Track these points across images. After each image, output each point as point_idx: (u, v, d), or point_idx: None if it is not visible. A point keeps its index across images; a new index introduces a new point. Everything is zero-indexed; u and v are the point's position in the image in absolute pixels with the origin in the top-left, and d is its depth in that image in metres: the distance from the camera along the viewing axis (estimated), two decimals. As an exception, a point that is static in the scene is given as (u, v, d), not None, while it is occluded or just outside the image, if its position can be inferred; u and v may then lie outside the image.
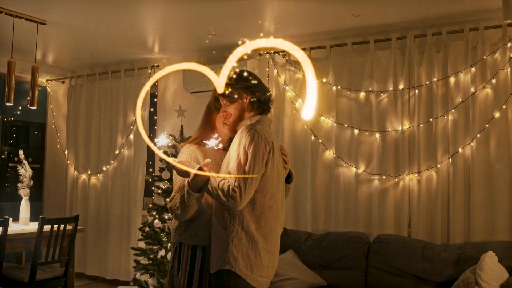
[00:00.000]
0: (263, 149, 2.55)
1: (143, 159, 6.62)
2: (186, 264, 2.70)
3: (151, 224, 5.46)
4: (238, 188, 2.45)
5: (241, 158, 2.52)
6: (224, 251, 2.55)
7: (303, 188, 5.39)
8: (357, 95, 5.16)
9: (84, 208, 7.08)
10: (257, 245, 2.58)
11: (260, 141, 2.56)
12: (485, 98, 4.62)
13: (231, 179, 2.49)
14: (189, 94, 6.26)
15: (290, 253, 4.85)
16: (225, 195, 2.46)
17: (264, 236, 2.61)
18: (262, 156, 2.55)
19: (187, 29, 5.41)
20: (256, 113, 2.78)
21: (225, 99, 2.77)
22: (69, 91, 7.44)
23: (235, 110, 2.76)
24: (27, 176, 5.45)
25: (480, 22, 4.68)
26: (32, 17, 5.02)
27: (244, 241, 2.55)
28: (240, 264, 2.54)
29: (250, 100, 2.76)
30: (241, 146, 2.55)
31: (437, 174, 4.78)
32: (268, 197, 2.62)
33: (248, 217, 2.57)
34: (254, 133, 2.57)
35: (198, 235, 2.70)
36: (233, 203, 2.47)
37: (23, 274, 4.80)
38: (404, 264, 4.45)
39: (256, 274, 2.59)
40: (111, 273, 6.75)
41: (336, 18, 4.91)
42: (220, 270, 2.56)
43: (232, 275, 2.53)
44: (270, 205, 2.63)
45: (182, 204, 2.60)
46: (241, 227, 2.56)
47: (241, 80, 2.76)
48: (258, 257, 2.59)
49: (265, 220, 2.61)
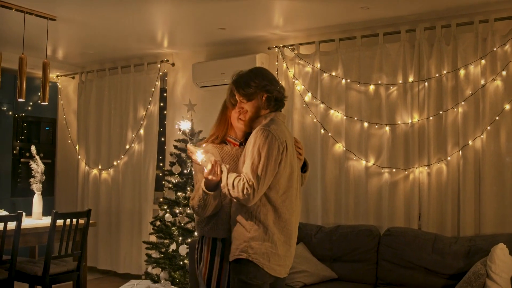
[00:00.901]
0: (276, 149, 2.71)
1: (154, 154, 6.66)
2: (207, 254, 2.91)
3: (162, 218, 5.50)
4: (252, 187, 2.64)
5: (255, 158, 2.69)
6: (242, 241, 2.74)
7: (313, 182, 5.41)
8: (366, 88, 5.16)
9: (95, 203, 7.13)
10: (273, 236, 2.76)
11: (274, 141, 2.71)
12: (495, 90, 4.60)
13: (245, 178, 2.67)
14: (198, 89, 6.28)
15: (301, 246, 4.88)
16: (239, 193, 2.66)
17: (279, 228, 2.79)
18: (276, 157, 2.71)
19: (196, 23, 5.43)
20: (272, 110, 2.90)
21: (242, 97, 2.87)
22: (79, 87, 7.48)
23: (251, 108, 2.88)
24: (39, 171, 5.50)
25: (490, 14, 4.66)
26: (42, 13, 5.05)
27: (261, 232, 2.74)
28: (257, 254, 2.72)
29: (267, 98, 2.85)
30: (255, 146, 2.71)
31: (447, 166, 4.78)
32: (280, 192, 2.78)
33: (264, 211, 2.75)
34: (268, 133, 2.72)
35: (218, 229, 2.89)
36: (245, 200, 2.67)
37: (36, 268, 4.86)
38: (415, 257, 4.46)
39: (273, 263, 2.77)
40: (122, 267, 6.81)
41: (345, 11, 4.91)
42: (238, 259, 2.75)
43: (251, 264, 2.72)
44: (283, 200, 2.79)
45: (201, 203, 2.82)
46: (258, 220, 2.74)
47: (258, 78, 2.87)
48: (274, 247, 2.77)
49: (279, 214, 2.78)
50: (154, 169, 6.65)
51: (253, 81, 2.84)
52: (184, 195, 5.43)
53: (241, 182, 2.65)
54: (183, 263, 5.31)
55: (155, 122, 6.68)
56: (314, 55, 5.45)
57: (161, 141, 6.75)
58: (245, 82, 2.85)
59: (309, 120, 5.48)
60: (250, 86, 2.83)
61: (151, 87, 6.68)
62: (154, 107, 6.68)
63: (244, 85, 2.85)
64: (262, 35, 5.74)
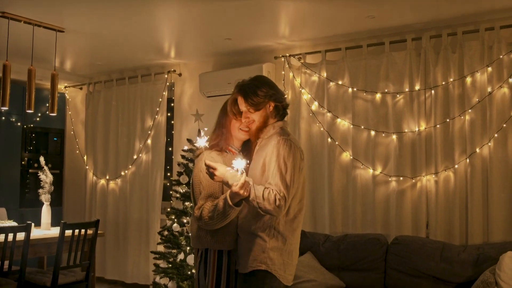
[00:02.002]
0: (299, 159, 2.74)
1: (161, 164, 6.68)
2: (214, 268, 2.82)
3: (170, 228, 5.51)
4: (283, 198, 2.63)
5: (282, 169, 2.67)
6: (260, 252, 2.71)
7: (320, 190, 5.41)
8: (373, 97, 5.17)
9: (103, 213, 7.15)
10: (290, 247, 2.77)
11: (296, 151, 2.74)
12: (502, 98, 4.60)
13: (275, 189, 2.64)
14: (205, 99, 6.31)
15: (308, 255, 4.87)
16: (271, 205, 2.61)
17: (296, 237, 2.81)
18: (299, 166, 2.74)
19: (203, 34, 5.46)
20: (279, 119, 2.90)
21: (251, 106, 2.85)
22: (87, 97, 7.53)
23: (259, 117, 2.86)
24: (48, 182, 5.53)
25: (496, 21, 4.66)
26: (51, 25, 5.10)
27: (280, 243, 2.73)
28: (276, 265, 2.71)
29: (275, 107, 2.86)
30: (280, 157, 2.69)
31: (454, 174, 4.77)
32: (298, 200, 2.79)
33: (283, 221, 2.74)
34: (291, 144, 2.74)
35: (225, 241, 2.83)
36: (277, 211, 2.63)
37: (45, 278, 4.88)
38: (423, 265, 4.44)
39: (287, 273, 2.78)
40: (130, 277, 6.81)
41: (351, 20, 4.93)
42: (255, 271, 2.71)
43: (268, 275, 2.71)
44: (300, 208, 2.81)
45: (220, 216, 2.71)
46: (277, 231, 2.73)
47: (266, 88, 2.86)
48: (290, 257, 2.78)
49: (297, 223, 2.80)
50: (162, 179, 6.67)
51: (260, 90, 2.83)
52: (192, 205, 5.43)
53: (272, 194, 2.62)
54: (191, 273, 5.32)
55: (163, 132, 6.71)
56: (321, 64, 5.47)
57: (169, 151, 6.78)
58: (253, 91, 2.83)
59: (316, 129, 5.49)
60: (258, 96, 2.82)
61: (159, 97, 6.72)
62: (161, 117, 6.72)
63: (252, 95, 2.83)
64: (268, 45, 5.76)
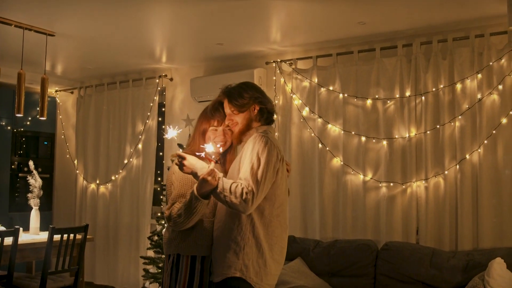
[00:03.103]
0: (275, 157, 2.63)
1: (152, 168, 6.66)
2: (185, 276, 2.65)
3: (160, 232, 5.49)
4: (251, 192, 2.50)
5: (254, 164, 2.56)
6: (234, 258, 2.58)
7: (311, 196, 5.40)
8: (363, 103, 5.18)
9: (93, 217, 7.11)
10: (264, 253, 2.61)
11: (273, 148, 2.63)
12: (491, 104, 4.62)
13: (243, 183, 2.52)
14: (196, 103, 6.30)
15: (298, 261, 4.86)
16: (236, 198, 2.49)
17: (270, 244, 2.65)
18: (274, 164, 2.62)
19: (194, 39, 5.46)
20: (263, 124, 2.84)
21: (235, 107, 2.80)
22: (78, 102, 7.50)
23: (242, 119, 2.80)
24: (37, 186, 5.50)
25: (486, 28, 4.69)
26: (41, 29, 5.08)
27: (254, 249, 2.60)
28: (251, 272, 2.58)
29: (260, 110, 2.81)
30: (254, 151, 2.60)
31: (444, 180, 4.78)
32: (276, 205, 2.67)
33: (257, 224, 2.61)
34: (268, 140, 2.64)
35: (197, 245, 2.68)
36: (244, 206, 2.49)
37: (33, 283, 4.84)
38: (413, 271, 4.44)
39: (265, 283, 2.63)
40: (120, 282, 6.77)
41: (342, 26, 4.94)
42: (228, 278, 2.58)
43: (242, 283, 2.57)
44: (277, 214, 2.68)
45: (187, 211, 2.56)
46: (252, 234, 2.60)
47: (251, 90, 2.82)
48: (267, 265, 2.63)
49: (272, 228, 2.66)
50: (152, 183, 6.64)
51: (246, 92, 2.80)
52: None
53: (239, 187, 2.51)
54: (180, 278, 5.29)
55: (153, 137, 6.69)
56: (312, 69, 5.47)
57: (159, 156, 6.76)
58: (238, 93, 2.81)
59: (307, 135, 5.49)
60: (243, 97, 2.79)
61: (150, 102, 6.70)
62: (152, 121, 6.70)
63: (237, 96, 2.80)
64: (259, 50, 5.77)
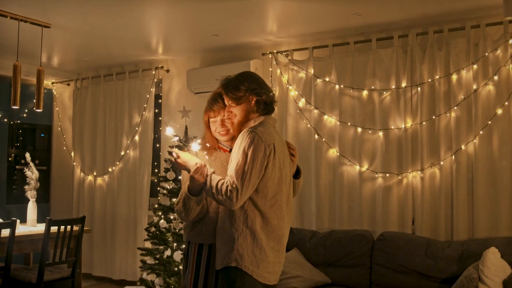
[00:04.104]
0: (262, 152, 2.64)
1: (149, 160, 6.67)
2: (193, 261, 2.85)
3: (157, 224, 5.50)
4: (235, 189, 2.57)
5: (240, 160, 2.62)
6: (230, 249, 2.67)
7: (307, 187, 5.42)
8: (360, 94, 5.19)
9: (90, 209, 7.13)
10: (261, 242, 2.69)
11: (260, 143, 2.65)
12: (487, 95, 4.63)
13: (229, 180, 2.61)
14: (193, 95, 6.30)
15: (295, 251, 4.89)
16: (222, 195, 2.58)
17: (267, 234, 2.72)
18: (262, 159, 2.64)
19: (190, 30, 5.45)
20: (261, 114, 2.85)
21: (231, 100, 2.83)
22: (75, 93, 7.50)
23: (240, 111, 2.83)
24: (33, 178, 5.50)
25: (482, 19, 4.69)
26: (36, 21, 5.07)
27: (249, 239, 2.67)
28: (246, 261, 2.65)
29: (256, 101, 2.82)
30: (241, 148, 2.65)
31: (440, 171, 4.80)
32: (269, 197, 2.71)
33: (252, 216, 2.68)
34: (254, 135, 2.66)
35: (202, 234, 2.83)
36: (229, 203, 2.59)
37: (31, 275, 4.86)
38: (408, 261, 4.47)
39: (262, 270, 2.70)
40: (118, 274, 6.80)
41: (338, 17, 4.94)
42: (226, 267, 2.68)
43: (239, 272, 2.65)
44: (272, 205, 2.73)
45: (184, 207, 2.76)
46: (245, 225, 2.67)
47: (248, 82, 2.83)
48: (264, 253, 2.70)
49: (267, 219, 2.72)
50: (149, 175, 6.65)
51: (242, 84, 2.81)
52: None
53: (224, 184, 2.59)
54: (178, 269, 5.31)
55: (150, 129, 6.69)
56: (308, 61, 5.47)
57: (156, 148, 6.76)
58: (234, 85, 2.82)
59: (303, 126, 5.50)
60: (239, 89, 2.80)
61: (146, 94, 6.70)
62: (149, 113, 6.70)
63: (233, 89, 2.81)
64: (256, 41, 5.76)
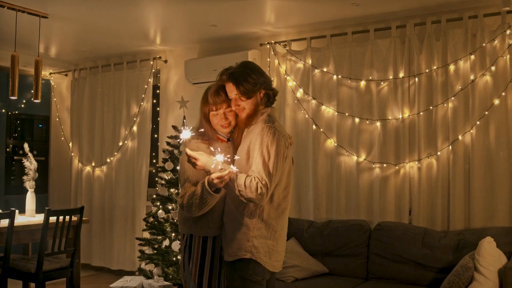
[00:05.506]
0: (283, 146, 2.71)
1: (147, 150, 6.68)
2: (198, 254, 2.85)
3: (155, 214, 5.53)
4: (265, 186, 2.62)
5: (265, 157, 2.66)
6: (244, 241, 2.72)
7: (305, 177, 5.44)
8: (357, 84, 5.19)
9: (88, 200, 7.14)
10: (275, 234, 2.77)
11: (281, 138, 2.71)
12: (484, 86, 4.64)
13: (257, 177, 2.63)
14: (191, 85, 6.30)
15: (292, 241, 4.91)
16: (252, 192, 2.60)
17: (281, 224, 2.81)
18: (283, 153, 2.71)
19: (188, 20, 5.45)
20: (266, 106, 2.88)
21: (242, 94, 2.80)
22: (73, 84, 7.49)
23: (250, 105, 2.83)
24: (32, 169, 5.51)
25: (479, 9, 4.69)
26: (34, 11, 5.06)
27: (263, 231, 2.73)
28: (261, 253, 2.72)
29: (265, 94, 2.86)
30: (264, 145, 2.67)
31: (437, 161, 4.82)
32: (282, 188, 2.79)
33: (267, 208, 2.74)
34: (275, 131, 2.71)
35: (209, 227, 2.84)
36: (260, 199, 2.63)
37: (30, 265, 4.88)
38: (405, 251, 4.50)
39: (273, 260, 2.79)
40: (116, 264, 6.83)
41: (336, 7, 4.93)
42: (240, 259, 2.73)
43: (252, 263, 2.72)
44: (285, 195, 2.81)
45: (200, 202, 2.71)
46: (261, 218, 2.73)
47: (256, 74, 2.82)
48: (276, 244, 2.78)
49: (281, 210, 2.80)
50: (147, 165, 6.66)
51: (251, 77, 2.78)
52: (177, 192, 5.45)
53: (253, 181, 2.61)
54: (176, 259, 5.34)
55: (148, 119, 6.70)
56: (306, 51, 5.47)
57: (154, 138, 6.77)
58: (244, 78, 2.78)
59: (301, 116, 5.51)
60: (249, 83, 2.77)
61: (144, 84, 6.70)
62: (147, 104, 6.70)
63: (244, 82, 2.77)
64: (254, 32, 5.76)
